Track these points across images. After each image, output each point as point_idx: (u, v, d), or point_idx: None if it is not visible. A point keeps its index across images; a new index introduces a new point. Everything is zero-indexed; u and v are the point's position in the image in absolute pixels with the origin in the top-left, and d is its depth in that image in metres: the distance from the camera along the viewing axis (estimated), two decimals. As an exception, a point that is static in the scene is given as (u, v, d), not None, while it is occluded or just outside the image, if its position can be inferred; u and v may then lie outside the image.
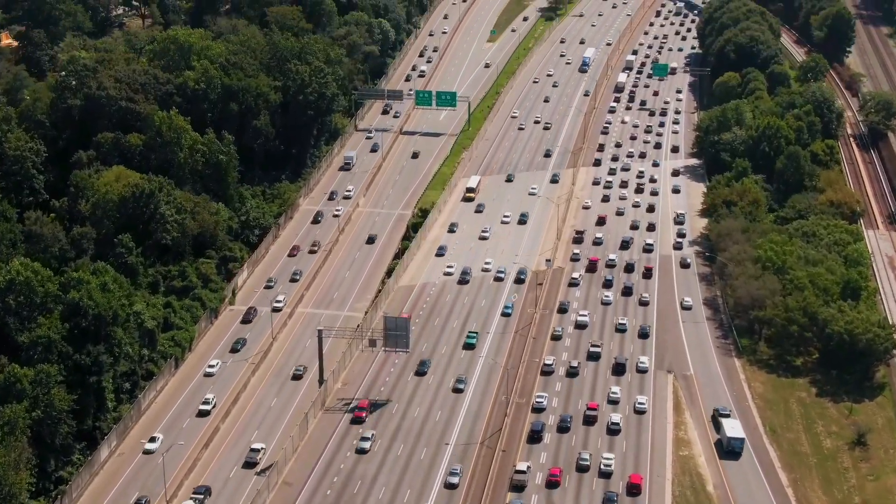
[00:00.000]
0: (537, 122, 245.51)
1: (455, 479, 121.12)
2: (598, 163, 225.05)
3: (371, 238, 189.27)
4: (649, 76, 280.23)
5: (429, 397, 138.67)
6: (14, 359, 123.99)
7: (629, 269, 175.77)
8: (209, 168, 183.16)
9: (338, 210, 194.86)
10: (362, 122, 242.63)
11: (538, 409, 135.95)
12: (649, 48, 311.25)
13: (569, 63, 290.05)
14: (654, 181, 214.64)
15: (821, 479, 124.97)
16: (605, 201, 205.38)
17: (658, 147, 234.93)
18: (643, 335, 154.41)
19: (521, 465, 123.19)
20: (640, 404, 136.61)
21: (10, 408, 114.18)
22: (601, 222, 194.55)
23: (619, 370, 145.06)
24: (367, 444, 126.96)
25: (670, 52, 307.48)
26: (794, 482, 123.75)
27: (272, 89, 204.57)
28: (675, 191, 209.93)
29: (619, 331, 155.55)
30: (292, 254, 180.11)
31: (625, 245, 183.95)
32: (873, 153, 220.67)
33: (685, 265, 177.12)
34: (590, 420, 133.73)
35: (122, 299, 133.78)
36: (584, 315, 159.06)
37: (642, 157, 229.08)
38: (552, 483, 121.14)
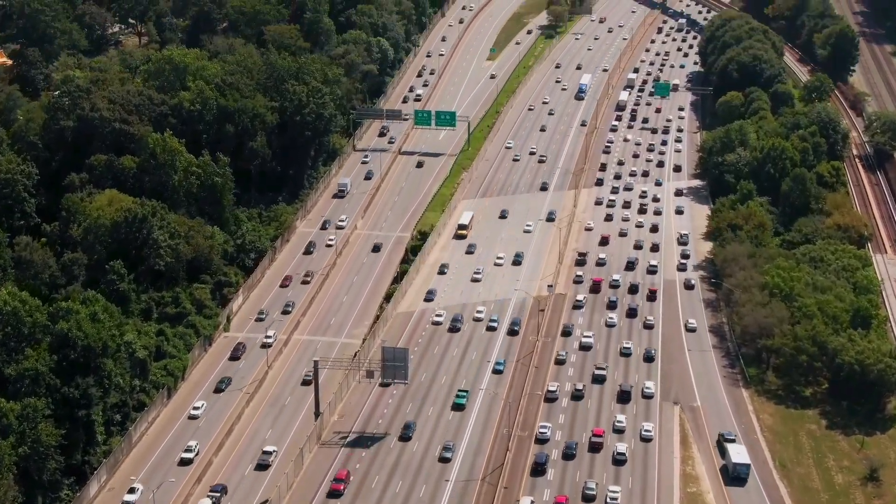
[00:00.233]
0: (532, 154, 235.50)
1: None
2: (600, 182, 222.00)
3: (377, 247, 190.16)
4: (651, 94, 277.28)
5: (428, 430, 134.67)
6: (0, 392, 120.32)
7: (633, 290, 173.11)
8: (204, 191, 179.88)
9: (331, 239, 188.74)
10: (360, 142, 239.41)
11: (542, 440, 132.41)
12: (651, 65, 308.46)
13: (564, 89, 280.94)
14: (657, 200, 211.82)
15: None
16: (608, 220, 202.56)
17: (661, 165, 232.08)
18: (648, 359, 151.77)
19: (525, 501, 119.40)
20: (646, 431, 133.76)
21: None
22: (604, 242, 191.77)
23: (624, 398, 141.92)
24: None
25: (672, 69, 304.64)
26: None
27: (269, 110, 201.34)
28: (679, 212, 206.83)
29: (624, 355, 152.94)
30: (284, 284, 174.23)
31: (630, 266, 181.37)
32: (880, 175, 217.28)
33: (689, 286, 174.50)
34: (595, 447, 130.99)
35: (112, 329, 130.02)
36: (589, 337, 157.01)
37: (645, 175, 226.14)
38: None
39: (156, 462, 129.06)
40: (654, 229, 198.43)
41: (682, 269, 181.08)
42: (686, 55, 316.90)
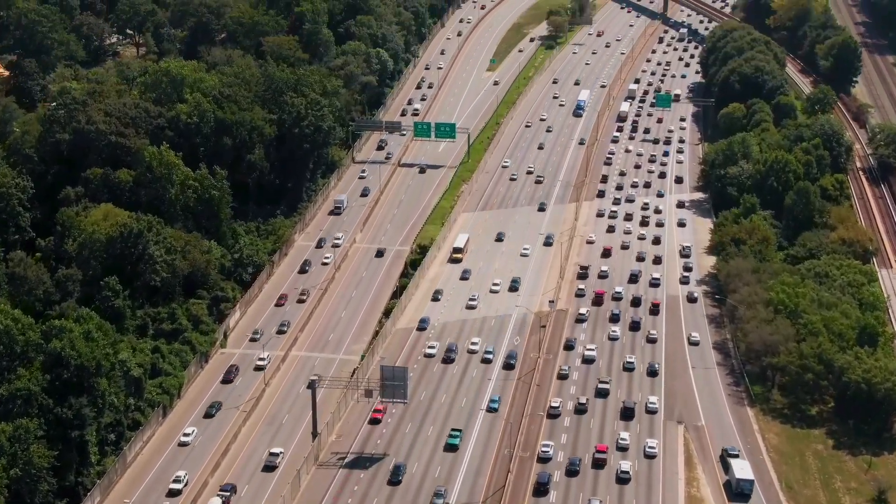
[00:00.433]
0: (530, 172, 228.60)
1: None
2: (601, 194, 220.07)
3: (380, 252, 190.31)
4: (652, 105, 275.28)
5: (427, 453, 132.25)
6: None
7: (636, 303, 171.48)
8: (201, 204, 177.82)
9: (327, 258, 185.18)
10: (359, 154, 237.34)
11: (544, 460, 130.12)
12: (652, 74, 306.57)
13: (562, 105, 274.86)
14: (658, 212, 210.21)
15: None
16: (609, 231, 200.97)
17: (662, 177, 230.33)
18: (652, 374, 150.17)
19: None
20: (650, 448, 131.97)
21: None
22: (606, 254, 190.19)
23: (627, 415, 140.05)
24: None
25: (673, 79, 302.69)
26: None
27: (267, 122, 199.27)
28: (681, 224, 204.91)
29: (627, 370, 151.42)
30: (280, 303, 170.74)
31: (633, 278, 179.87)
32: (884, 188, 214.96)
33: (692, 300, 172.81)
34: (599, 463, 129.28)
35: (106, 348, 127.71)
36: (592, 350, 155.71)
37: (647, 186, 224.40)
38: None
39: (150, 484, 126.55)
40: (657, 241, 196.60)
41: (684, 282, 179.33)
42: (688, 65, 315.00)
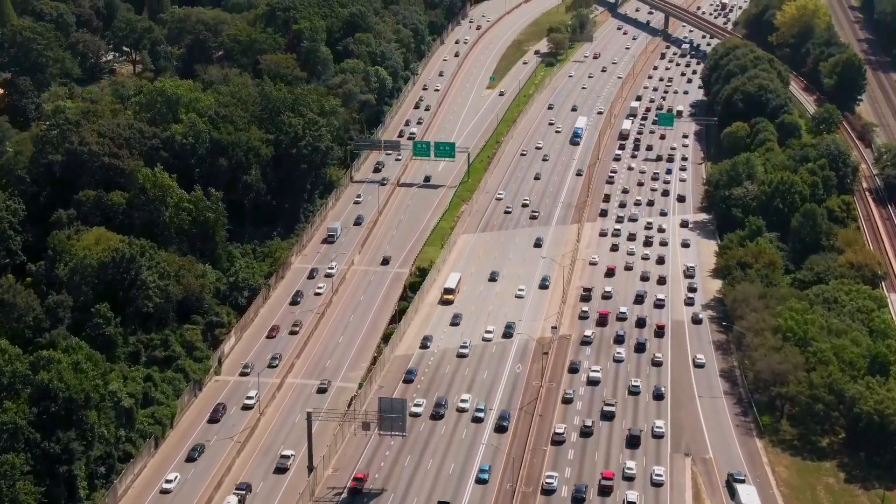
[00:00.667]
0: (525, 206, 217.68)
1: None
2: (604, 213, 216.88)
3: (385, 259, 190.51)
4: (654, 122, 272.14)
5: (427, 485, 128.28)
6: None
7: (640, 323, 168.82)
8: (196, 227, 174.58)
9: (319, 288, 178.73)
10: (358, 174, 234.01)
11: (548, 492, 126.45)
12: (654, 91, 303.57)
13: (559, 131, 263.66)
14: (662, 231, 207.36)
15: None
16: (613, 250, 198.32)
17: (665, 195, 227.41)
18: (658, 397, 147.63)
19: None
20: (657, 476, 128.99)
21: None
22: (610, 274, 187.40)
23: (633, 443, 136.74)
24: None
25: (675, 95, 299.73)
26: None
27: (264, 143, 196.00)
28: (685, 245, 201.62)
29: (633, 393, 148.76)
30: (271, 335, 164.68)
31: (639, 299, 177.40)
32: (891, 209, 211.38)
33: (696, 321, 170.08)
34: (605, 490, 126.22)
35: (95, 379, 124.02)
36: (597, 371, 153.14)
37: (650, 205, 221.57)
38: None
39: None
40: (661, 261, 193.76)
41: (689, 303, 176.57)
42: (690, 80, 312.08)
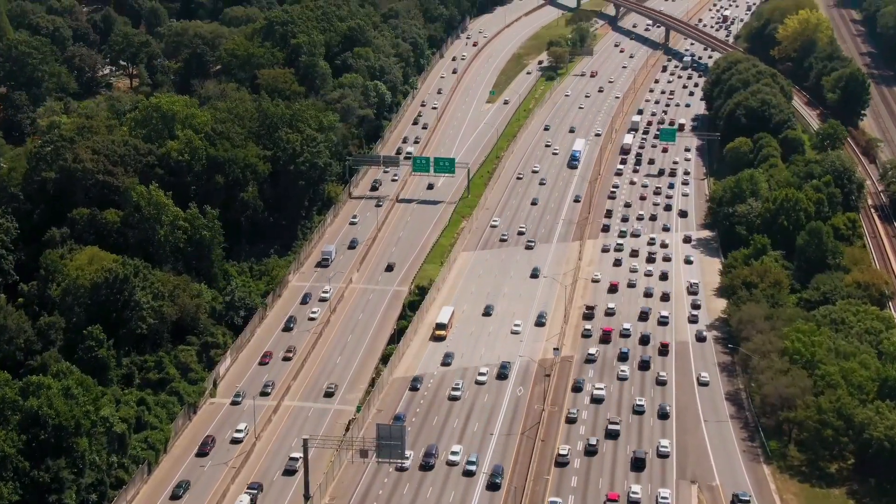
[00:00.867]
0: (521, 233, 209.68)
1: None
2: (606, 228, 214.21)
3: (389, 266, 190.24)
4: (656, 136, 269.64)
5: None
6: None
7: (644, 341, 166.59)
8: (191, 245, 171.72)
9: (314, 312, 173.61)
10: (357, 189, 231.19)
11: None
12: (656, 104, 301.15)
13: (556, 153, 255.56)
14: (665, 246, 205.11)
15: None
16: (616, 265, 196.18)
17: (668, 209, 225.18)
18: (663, 416, 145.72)
19: None
20: (662, 499, 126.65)
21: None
22: (613, 290, 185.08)
23: (638, 465, 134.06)
24: None
25: (677, 108, 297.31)
26: None
27: (261, 160, 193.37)
28: (688, 261, 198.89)
29: (637, 413, 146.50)
30: (263, 361, 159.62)
31: (643, 316, 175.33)
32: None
33: (701, 339, 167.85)
34: None
35: (87, 405, 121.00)
36: (601, 389, 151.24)
37: (652, 219, 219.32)
38: None
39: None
40: (664, 277, 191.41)
41: (693, 320, 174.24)
42: (692, 93, 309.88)
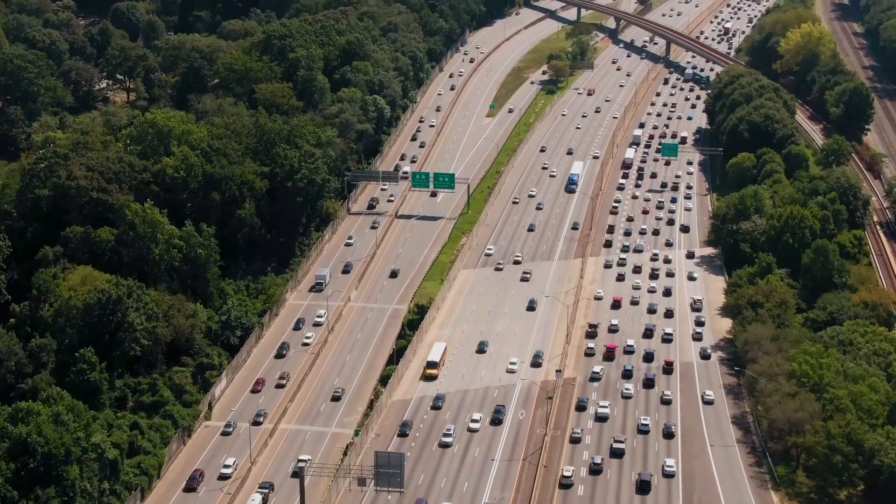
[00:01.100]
0: (517, 262, 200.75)
1: None
2: (608, 244, 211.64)
3: (394, 272, 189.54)
4: (658, 150, 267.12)
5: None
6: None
7: (648, 358, 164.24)
8: (187, 264, 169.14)
9: (308, 338, 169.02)
10: (355, 206, 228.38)
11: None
12: (658, 116, 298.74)
13: (553, 175, 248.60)
14: (668, 262, 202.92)
15: None
16: (619, 280, 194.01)
17: (671, 224, 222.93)
18: (668, 436, 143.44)
19: None
20: None
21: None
22: (616, 306, 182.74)
23: (644, 488, 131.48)
24: None
25: (679, 121, 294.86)
26: None
27: (258, 176, 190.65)
28: (691, 278, 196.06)
29: (642, 432, 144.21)
30: (256, 389, 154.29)
31: (648, 333, 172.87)
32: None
33: (705, 356, 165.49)
34: None
35: (77, 432, 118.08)
36: (605, 407, 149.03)
37: (655, 234, 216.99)
38: None
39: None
40: (668, 293, 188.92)
41: (697, 338, 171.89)
42: (694, 106, 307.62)
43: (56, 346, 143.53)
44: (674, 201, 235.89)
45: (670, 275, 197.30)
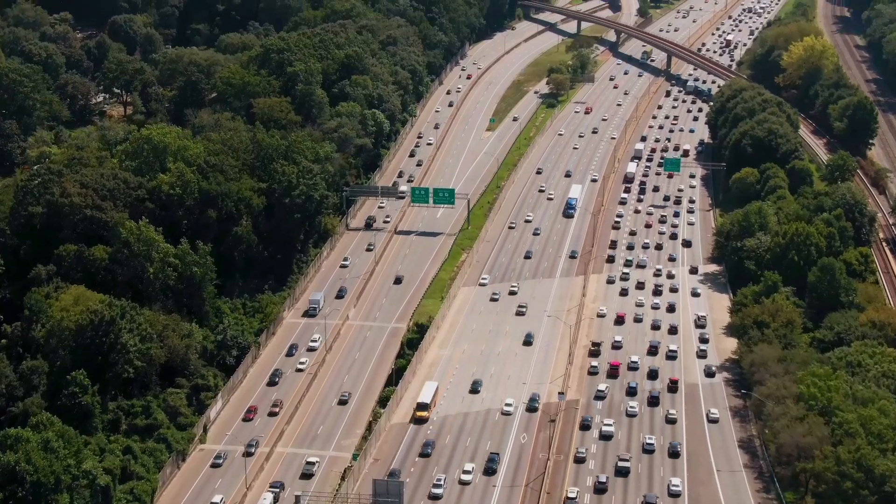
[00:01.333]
0: (513, 293, 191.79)
1: None
2: (611, 259, 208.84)
3: (398, 279, 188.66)
4: (660, 164, 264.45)
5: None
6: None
7: (652, 375, 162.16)
8: (182, 282, 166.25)
9: (302, 363, 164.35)
10: (354, 221, 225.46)
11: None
12: (660, 128, 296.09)
13: (550, 198, 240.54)
14: (671, 277, 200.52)
15: None
16: (623, 295, 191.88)
17: (674, 238, 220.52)
18: (673, 455, 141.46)
19: None
20: None
21: None
22: (619, 322, 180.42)
23: None
24: None
25: (681, 134, 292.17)
26: None
27: (255, 193, 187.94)
28: (695, 294, 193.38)
29: (647, 451, 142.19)
30: (248, 418, 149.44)
31: (652, 350, 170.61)
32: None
33: (710, 374, 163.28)
34: None
35: (67, 459, 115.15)
36: (609, 425, 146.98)
37: (658, 248, 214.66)
38: None
39: None
40: (671, 309, 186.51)
41: (701, 355, 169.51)
42: (696, 118, 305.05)
43: (48, 368, 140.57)
44: (676, 215, 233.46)
45: (674, 290, 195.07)
